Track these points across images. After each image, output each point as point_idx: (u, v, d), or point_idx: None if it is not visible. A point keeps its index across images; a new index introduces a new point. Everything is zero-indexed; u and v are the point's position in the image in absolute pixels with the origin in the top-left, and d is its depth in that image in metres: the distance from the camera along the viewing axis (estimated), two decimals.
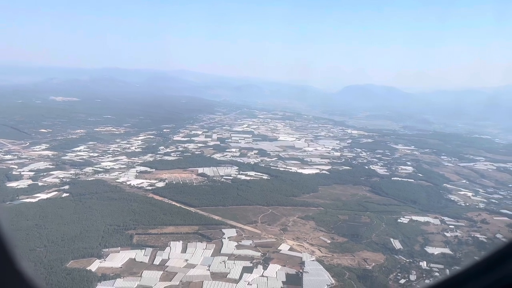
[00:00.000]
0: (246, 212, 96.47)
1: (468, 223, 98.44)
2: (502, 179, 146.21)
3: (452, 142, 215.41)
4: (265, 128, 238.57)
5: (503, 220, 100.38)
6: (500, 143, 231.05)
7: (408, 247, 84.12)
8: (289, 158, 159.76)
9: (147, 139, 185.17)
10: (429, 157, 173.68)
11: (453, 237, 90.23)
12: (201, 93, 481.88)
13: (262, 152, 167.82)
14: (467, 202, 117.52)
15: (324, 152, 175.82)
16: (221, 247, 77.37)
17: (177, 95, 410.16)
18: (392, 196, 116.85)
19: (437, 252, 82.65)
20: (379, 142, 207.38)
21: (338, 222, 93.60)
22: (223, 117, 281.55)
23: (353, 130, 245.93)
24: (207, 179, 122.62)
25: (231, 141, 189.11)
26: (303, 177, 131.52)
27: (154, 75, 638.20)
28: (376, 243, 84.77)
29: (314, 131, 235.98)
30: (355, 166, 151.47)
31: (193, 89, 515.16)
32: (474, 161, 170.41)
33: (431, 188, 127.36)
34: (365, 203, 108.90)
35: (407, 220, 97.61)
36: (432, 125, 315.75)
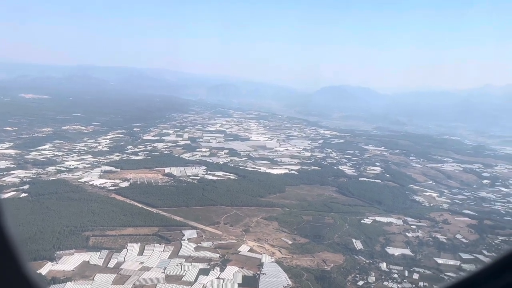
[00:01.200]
0: (209, 213, 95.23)
1: (430, 223, 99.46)
2: (468, 180, 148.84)
3: (422, 143, 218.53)
4: (238, 127, 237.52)
5: (464, 221, 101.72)
6: (469, 144, 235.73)
7: (369, 248, 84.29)
8: (259, 158, 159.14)
9: (115, 138, 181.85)
10: (398, 158, 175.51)
11: (414, 237, 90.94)
12: (177, 92, 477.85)
13: (233, 152, 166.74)
14: (431, 203, 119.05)
15: (295, 152, 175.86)
16: (180, 249, 75.92)
17: (152, 94, 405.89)
18: (358, 197, 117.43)
19: (397, 253, 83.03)
20: (350, 142, 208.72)
21: (301, 223, 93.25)
22: (196, 116, 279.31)
23: (326, 131, 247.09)
24: (173, 179, 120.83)
25: (202, 141, 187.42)
26: (271, 177, 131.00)
27: (131, 73, 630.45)
28: (337, 244, 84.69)
29: (287, 131, 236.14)
30: (324, 167, 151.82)
31: (169, 88, 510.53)
32: (442, 162, 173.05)
33: (397, 188, 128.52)
34: (331, 204, 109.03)
35: (370, 221, 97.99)
36: (404, 126, 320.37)
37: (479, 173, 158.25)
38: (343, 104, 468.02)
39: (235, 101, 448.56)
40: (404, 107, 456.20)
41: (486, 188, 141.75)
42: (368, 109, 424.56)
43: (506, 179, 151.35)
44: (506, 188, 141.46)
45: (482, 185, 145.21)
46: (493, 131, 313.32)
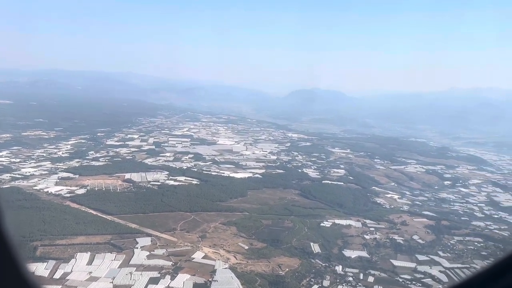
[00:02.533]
0: (166, 219, 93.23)
1: (389, 225, 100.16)
2: (429, 181, 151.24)
3: (387, 145, 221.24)
4: (205, 131, 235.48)
5: (422, 222, 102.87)
6: (433, 146, 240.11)
7: (327, 251, 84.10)
8: (224, 162, 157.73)
9: (77, 144, 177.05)
10: (362, 160, 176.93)
11: (372, 239, 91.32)
12: (146, 96, 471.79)
13: (198, 156, 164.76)
14: (392, 205, 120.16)
15: (261, 156, 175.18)
16: (132, 257, 73.75)
17: (120, 98, 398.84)
18: (320, 200, 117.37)
19: (354, 255, 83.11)
20: (317, 145, 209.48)
21: (260, 227, 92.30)
22: (164, 120, 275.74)
23: (294, 134, 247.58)
24: (132, 185, 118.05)
25: (167, 145, 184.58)
26: (234, 181, 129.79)
27: (98, 78, 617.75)
28: (295, 247, 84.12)
29: (255, 135, 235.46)
30: (288, 170, 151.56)
31: (138, 92, 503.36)
32: (406, 164, 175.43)
33: (359, 191, 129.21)
34: (292, 207, 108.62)
35: (330, 224, 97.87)
36: (372, 128, 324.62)
37: (441, 174, 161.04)
38: (313, 108, 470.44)
39: (205, 105, 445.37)
40: (373, 110, 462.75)
41: (447, 189, 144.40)
42: (337, 112, 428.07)
43: (466, 180, 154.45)
44: (466, 189, 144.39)
45: (443, 186, 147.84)
46: (458, 133, 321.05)
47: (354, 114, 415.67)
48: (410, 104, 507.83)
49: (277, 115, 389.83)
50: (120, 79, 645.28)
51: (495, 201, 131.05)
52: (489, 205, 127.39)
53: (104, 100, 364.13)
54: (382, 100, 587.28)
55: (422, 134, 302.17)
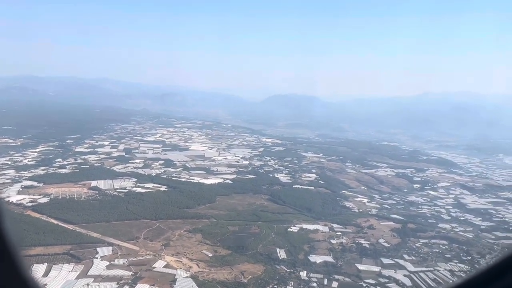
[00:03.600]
0: (130, 228, 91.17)
1: (356, 229, 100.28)
2: (399, 184, 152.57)
3: (360, 149, 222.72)
4: (178, 137, 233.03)
5: (389, 225, 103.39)
6: (405, 149, 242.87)
7: (293, 257, 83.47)
8: (195, 168, 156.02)
9: (45, 151, 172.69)
10: (334, 165, 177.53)
11: (338, 244, 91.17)
12: (120, 102, 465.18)
13: (168, 163, 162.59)
14: (361, 208, 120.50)
15: (233, 161, 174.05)
16: (90, 268, 71.63)
17: (94, 104, 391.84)
18: (289, 204, 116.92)
19: (319, 260, 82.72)
20: (290, 150, 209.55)
21: (226, 234, 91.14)
22: (137, 126, 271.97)
23: (268, 139, 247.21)
24: (98, 193, 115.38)
25: (138, 152, 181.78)
26: (204, 187, 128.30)
27: (72, 84, 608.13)
28: (261, 254, 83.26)
29: (229, 140, 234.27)
30: (260, 175, 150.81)
31: (113, 98, 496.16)
32: (377, 168, 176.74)
33: (328, 195, 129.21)
34: (260, 213, 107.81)
35: (297, 229, 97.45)
36: (346, 133, 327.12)
37: (411, 177, 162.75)
38: (288, 113, 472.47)
39: (181, 111, 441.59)
40: (348, 114, 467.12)
41: (416, 192, 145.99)
42: (313, 117, 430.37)
43: (436, 183, 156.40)
44: (435, 192, 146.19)
45: (412, 189, 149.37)
46: (430, 136, 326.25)
47: (329, 118, 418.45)
48: (385, 108, 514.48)
49: (253, 120, 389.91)
50: (94, 85, 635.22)
51: (462, 203, 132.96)
52: (456, 207, 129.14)
53: (77, 106, 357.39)
54: (358, 105, 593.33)
55: (395, 138, 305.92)
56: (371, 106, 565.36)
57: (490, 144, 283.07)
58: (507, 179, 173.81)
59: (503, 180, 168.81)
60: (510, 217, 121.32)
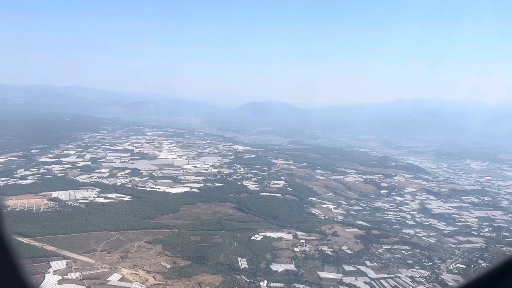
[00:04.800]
0: (88, 240, 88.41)
1: (320, 236, 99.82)
2: (366, 190, 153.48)
3: (331, 155, 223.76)
4: (148, 146, 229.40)
5: (353, 231, 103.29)
6: (375, 156, 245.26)
7: (254, 266, 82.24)
8: (162, 177, 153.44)
9: (7, 162, 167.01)
10: (304, 171, 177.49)
11: (301, 252, 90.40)
12: (92, 110, 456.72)
13: (135, 172, 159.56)
14: (327, 215, 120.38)
15: (202, 169, 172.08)
16: (41, 283, 68.74)
17: (63, 113, 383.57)
18: (255, 212, 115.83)
19: (281, 269, 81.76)
20: (261, 157, 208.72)
21: (187, 244, 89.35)
22: (107, 135, 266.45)
23: (239, 146, 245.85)
24: (58, 204, 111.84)
25: (104, 161, 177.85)
26: (169, 196, 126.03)
27: (43, 92, 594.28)
28: (221, 264, 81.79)
29: (200, 148, 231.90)
30: (228, 183, 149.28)
31: (83, 106, 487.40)
32: (346, 174, 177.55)
33: (295, 202, 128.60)
34: (225, 221, 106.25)
35: (261, 237, 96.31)
36: (318, 139, 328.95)
37: (378, 183, 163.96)
38: (263, 120, 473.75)
39: (154, 118, 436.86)
40: (321, 121, 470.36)
41: (383, 198, 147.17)
42: (287, 124, 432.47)
43: (402, 188, 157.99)
44: (401, 197, 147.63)
45: (379, 195, 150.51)
46: (400, 142, 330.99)
47: (302, 125, 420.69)
48: (358, 115, 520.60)
49: (227, 127, 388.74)
50: (66, 93, 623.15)
51: (427, 208, 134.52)
52: (421, 212, 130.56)
53: (45, 115, 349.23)
54: (331, 111, 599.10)
55: (366, 144, 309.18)
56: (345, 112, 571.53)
57: (458, 150, 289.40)
58: (472, 183, 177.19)
59: (468, 185, 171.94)
60: (472, 221, 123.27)
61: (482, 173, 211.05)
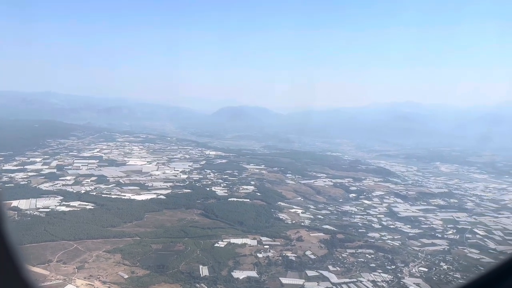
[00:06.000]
0: (44, 250, 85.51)
1: (285, 241, 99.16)
2: (335, 194, 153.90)
3: (303, 160, 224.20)
4: (118, 152, 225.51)
5: (318, 236, 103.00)
6: (347, 159, 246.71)
7: (215, 273, 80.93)
8: (129, 184, 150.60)
9: None
10: (274, 176, 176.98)
11: (264, 258, 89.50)
12: (64, 116, 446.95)
13: (101, 179, 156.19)
14: (294, 220, 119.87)
15: (171, 175, 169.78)
16: None
17: (33, 119, 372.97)
18: (221, 219, 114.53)
19: (243, 276, 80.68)
20: (233, 162, 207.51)
21: (148, 253, 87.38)
22: (76, 141, 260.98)
23: (212, 151, 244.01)
24: (16, 214, 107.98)
25: (71, 168, 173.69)
26: (134, 204, 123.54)
27: (13, 98, 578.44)
28: (182, 272, 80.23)
29: (171, 154, 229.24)
30: (196, 189, 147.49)
31: (55, 112, 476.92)
32: (316, 178, 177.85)
33: (263, 207, 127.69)
34: (189, 228, 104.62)
35: (225, 244, 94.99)
36: (292, 144, 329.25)
37: (348, 187, 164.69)
38: (239, 124, 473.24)
39: (127, 124, 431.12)
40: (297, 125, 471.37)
41: (351, 201, 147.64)
42: (262, 128, 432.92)
43: (371, 192, 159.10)
44: (369, 201, 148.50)
45: (348, 199, 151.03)
46: (373, 146, 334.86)
47: (277, 130, 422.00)
48: (333, 119, 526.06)
49: (202, 132, 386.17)
50: (38, 98, 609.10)
51: (394, 211, 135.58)
52: (388, 215, 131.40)
53: (13, 121, 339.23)
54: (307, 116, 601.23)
55: (339, 148, 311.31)
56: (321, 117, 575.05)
57: (429, 152, 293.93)
58: (440, 186, 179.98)
59: (436, 188, 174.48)
60: (437, 224, 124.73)
61: (450, 175, 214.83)
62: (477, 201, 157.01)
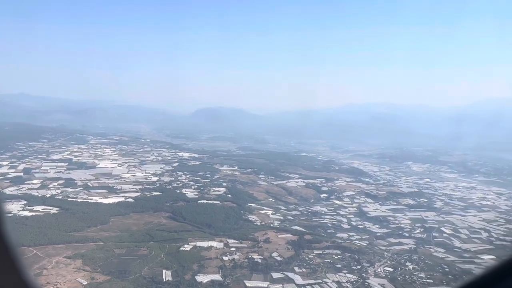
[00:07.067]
0: None
1: (252, 243, 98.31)
2: (307, 195, 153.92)
3: (277, 160, 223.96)
4: (89, 154, 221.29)
5: (286, 237, 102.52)
6: (321, 160, 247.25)
7: (179, 278, 79.55)
8: (97, 187, 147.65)
9: None
10: (247, 177, 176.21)
11: (230, 260, 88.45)
12: (36, 118, 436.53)
13: (69, 182, 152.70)
14: (263, 221, 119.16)
15: (142, 178, 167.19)
16: None
17: (3, 122, 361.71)
18: (189, 221, 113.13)
19: (206, 280, 79.45)
20: (206, 164, 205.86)
21: (110, 258, 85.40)
22: (46, 144, 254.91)
23: (186, 153, 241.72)
24: None
25: (38, 172, 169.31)
26: (100, 207, 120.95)
27: None
28: (144, 277, 78.57)
29: (144, 156, 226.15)
30: (166, 191, 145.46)
31: (28, 115, 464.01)
32: (288, 179, 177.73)
33: (233, 209, 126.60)
34: (156, 232, 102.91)
35: (190, 247, 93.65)
36: (268, 144, 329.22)
37: (320, 187, 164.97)
38: (215, 126, 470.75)
39: (101, 126, 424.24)
40: (273, 126, 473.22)
41: (322, 202, 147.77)
42: (238, 129, 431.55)
43: (342, 192, 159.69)
44: (340, 201, 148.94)
45: (319, 199, 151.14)
46: (347, 146, 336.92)
47: (254, 131, 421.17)
48: (309, 120, 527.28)
49: (177, 134, 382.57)
50: (9, 101, 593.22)
51: (363, 211, 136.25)
52: (357, 216, 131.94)
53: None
54: (284, 117, 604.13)
55: (314, 149, 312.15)
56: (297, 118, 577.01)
57: (402, 152, 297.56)
58: (411, 185, 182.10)
59: (406, 187, 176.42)
60: (405, 223, 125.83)
61: (422, 175, 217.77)
62: (446, 200, 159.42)
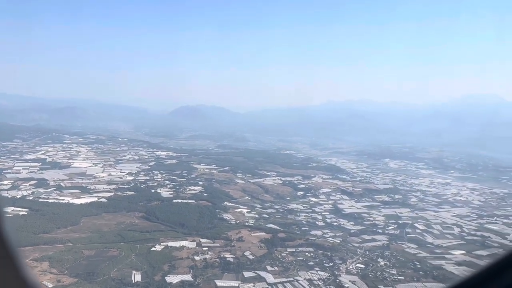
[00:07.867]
0: None
1: (224, 242, 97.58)
2: (283, 192, 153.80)
3: (255, 158, 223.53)
4: (63, 154, 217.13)
5: (259, 236, 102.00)
6: (299, 157, 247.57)
7: (148, 279, 78.28)
8: (70, 187, 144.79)
9: None
10: (224, 175, 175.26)
11: (202, 260, 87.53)
12: (11, 118, 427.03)
13: (41, 183, 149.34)
14: (238, 220, 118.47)
15: (117, 177, 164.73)
16: None
17: None
18: (162, 221, 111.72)
19: (176, 280, 78.39)
20: (183, 162, 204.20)
21: (78, 260, 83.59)
22: (20, 144, 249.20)
23: (163, 152, 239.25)
24: None
25: (10, 172, 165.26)
26: (72, 208, 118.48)
27: None
28: (113, 279, 77.07)
29: (120, 155, 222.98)
30: (141, 191, 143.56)
31: (3, 114, 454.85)
32: (266, 177, 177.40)
33: (208, 208, 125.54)
34: (127, 232, 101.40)
35: (162, 247, 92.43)
36: (247, 142, 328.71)
37: (296, 185, 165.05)
38: (195, 124, 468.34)
39: (79, 125, 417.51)
40: (254, 125, 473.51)
41: (298, 199, 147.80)
42: (219, 127, 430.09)
43: (318, 189, 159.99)
44: (316, 198, 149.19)
45: (295, 196, 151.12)
46: (327, 143, 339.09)
47: (234, 129, 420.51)
48: (289, 117, 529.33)
49: (156, 132, 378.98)
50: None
51: (339, 208, 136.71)
52: (332, 213, 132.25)
53: None
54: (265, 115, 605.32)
55: (293, 146, 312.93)
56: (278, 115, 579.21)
57: (379, 149, 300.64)
58: (387, 182, 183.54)
59: (383, 184, 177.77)
60: (380, 220, 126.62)
61: (398, 171, 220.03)
62: (421, 196, 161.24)
